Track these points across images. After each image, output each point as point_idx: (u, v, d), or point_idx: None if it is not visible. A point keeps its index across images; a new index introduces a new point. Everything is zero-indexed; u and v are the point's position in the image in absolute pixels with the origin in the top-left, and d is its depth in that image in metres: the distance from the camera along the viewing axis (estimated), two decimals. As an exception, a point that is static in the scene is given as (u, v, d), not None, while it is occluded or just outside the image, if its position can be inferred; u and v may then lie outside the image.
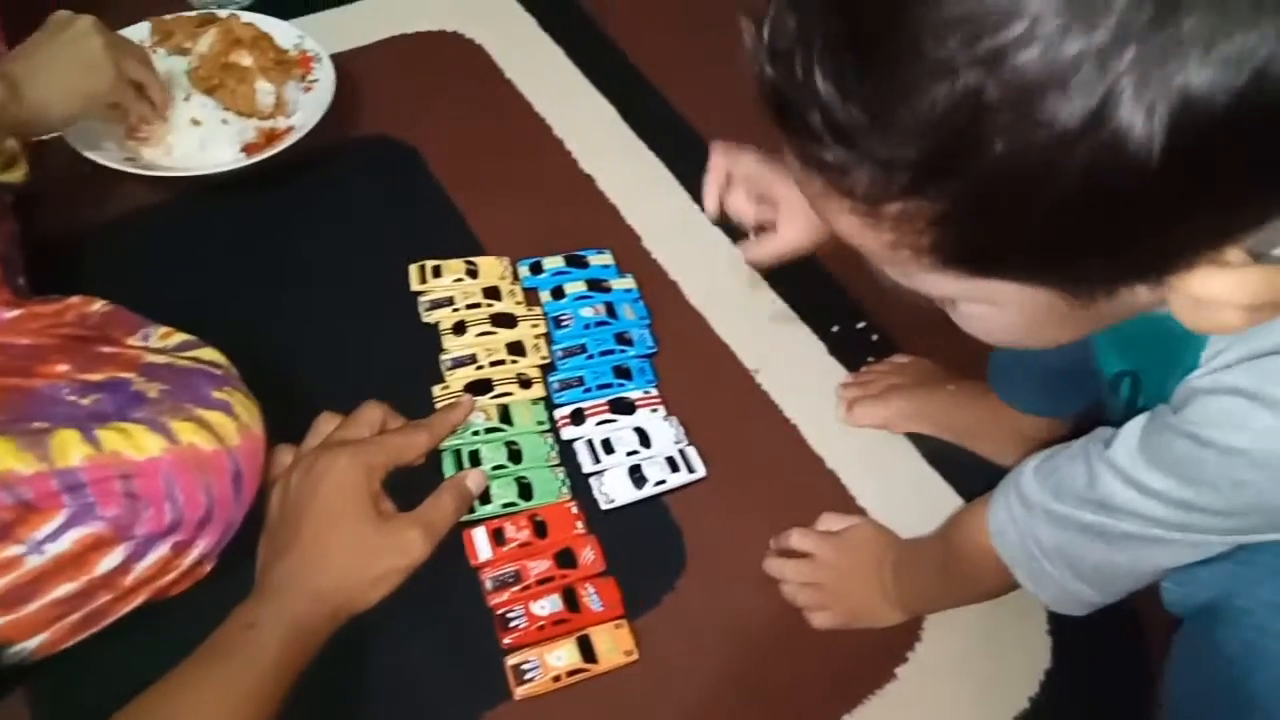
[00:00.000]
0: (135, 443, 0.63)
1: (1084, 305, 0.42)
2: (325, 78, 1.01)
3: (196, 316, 0.76)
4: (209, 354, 0.73)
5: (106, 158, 0.92)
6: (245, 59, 0.98)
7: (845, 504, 0.82)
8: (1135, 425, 0.53)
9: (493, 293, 0.91)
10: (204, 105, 0.97)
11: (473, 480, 0.77)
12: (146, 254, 0.94)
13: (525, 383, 0.86)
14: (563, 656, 0.72)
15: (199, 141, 0.95)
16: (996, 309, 0.44)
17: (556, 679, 0.71)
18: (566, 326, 0.90)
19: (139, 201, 0.97)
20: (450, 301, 0.91)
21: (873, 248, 0.42)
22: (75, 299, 0.74)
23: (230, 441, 0.67)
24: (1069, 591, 0.60)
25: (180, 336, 0.74)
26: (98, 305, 0.75)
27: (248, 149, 0.96)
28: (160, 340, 0.74)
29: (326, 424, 0.76)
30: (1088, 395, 0.75)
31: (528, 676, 0.71)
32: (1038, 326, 0.45)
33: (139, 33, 1.01)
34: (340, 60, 1.05)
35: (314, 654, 0.64)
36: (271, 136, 0.98)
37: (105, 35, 0.83)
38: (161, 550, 0.65)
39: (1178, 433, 0.49)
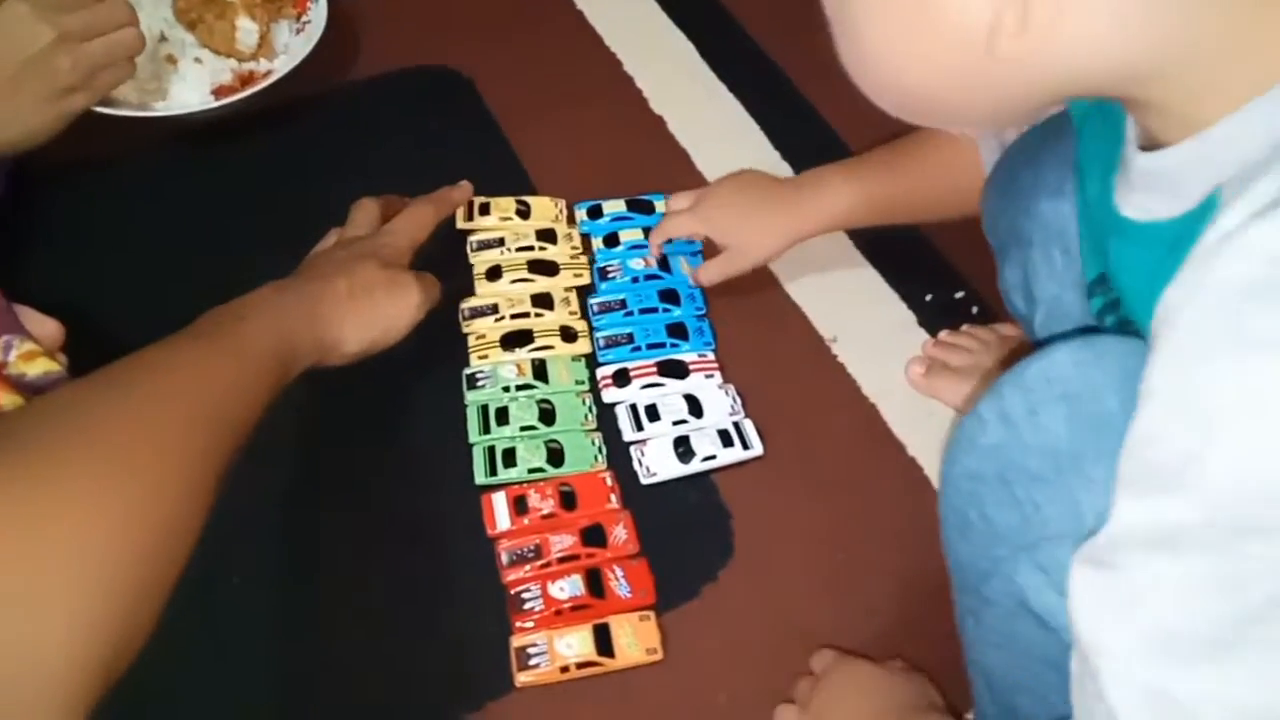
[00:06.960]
0: None
1: None
2: (317, 19, 0.92)
3: (199, 256, 0.69)
4: None
5: None
6: None
7: (927, 498, 0.70)
8: None
9: (547, 235, 0.82)
10: (183, 42, 0.90)
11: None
12: (148, 199, 0.86)
13: (570, 335, 0.77)
14: (574, 645, 0.62)
15: (170, 81, 0.88)
16: None
17: (564, 669, 0.62)
18: (613, 278, 0.80)
19: (122, 145, 0.85)
20: (500, 243, 0.82)
21: None
22: None
23: None
24: None
25: (46, 366, 0.52)
26: None
27: (218, 91, 0.89)
28: (19, 362, 0.52)
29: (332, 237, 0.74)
30: None
31: (532, 663, 0.62)
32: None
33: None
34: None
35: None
36: (248, 80, 0.89)
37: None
38: None
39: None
